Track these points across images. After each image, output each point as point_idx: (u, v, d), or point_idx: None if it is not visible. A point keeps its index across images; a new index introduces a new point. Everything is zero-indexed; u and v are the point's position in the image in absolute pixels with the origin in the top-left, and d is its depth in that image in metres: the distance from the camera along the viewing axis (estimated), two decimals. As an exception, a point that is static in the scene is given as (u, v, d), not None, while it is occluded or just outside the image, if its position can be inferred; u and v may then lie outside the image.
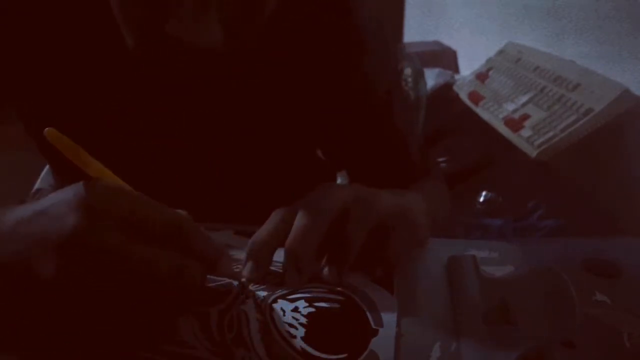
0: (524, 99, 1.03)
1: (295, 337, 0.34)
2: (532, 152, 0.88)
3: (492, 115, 1.07)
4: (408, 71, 1.27)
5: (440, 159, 1.11)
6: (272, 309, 0.36)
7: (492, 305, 0.38)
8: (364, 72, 0.55)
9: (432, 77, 1.36)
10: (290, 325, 0.35)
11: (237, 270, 0.38)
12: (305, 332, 0.35)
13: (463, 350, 0.34)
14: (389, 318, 0.36)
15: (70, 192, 0.30)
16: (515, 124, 0.97)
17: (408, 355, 0.33)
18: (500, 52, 1.27)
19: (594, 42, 1.03)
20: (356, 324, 0.36)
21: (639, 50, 0.90)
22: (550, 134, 0.87)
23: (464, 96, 1.23)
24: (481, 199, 0.96)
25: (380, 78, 0.57)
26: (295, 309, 0.36)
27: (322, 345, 0.34)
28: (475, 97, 1.17)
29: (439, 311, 0.38)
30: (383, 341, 0.34)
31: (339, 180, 0.86)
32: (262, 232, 0.38)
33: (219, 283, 0.38)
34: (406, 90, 1.24)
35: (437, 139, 1.19)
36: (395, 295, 0.39)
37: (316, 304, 0.37)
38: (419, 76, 1.28)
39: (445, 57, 1.60)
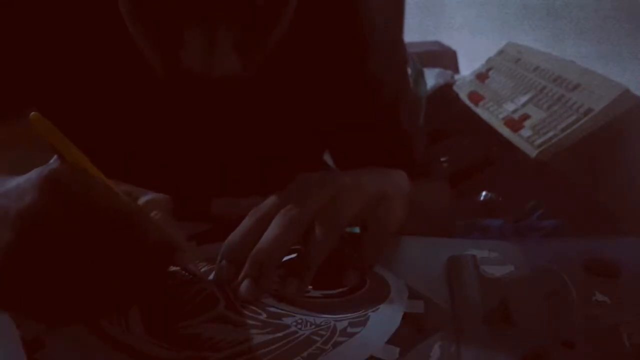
0: (524, 99, 1.03)
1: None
2: (532, 152, 0.88)
3: (492, 115, 1.06)
4: (408, 71, 1.27)
5: (441, 159, 1.11)
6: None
7: (492, 305, 0.38)
8: (371, 77, 0.55)
9: (432, 77, 1.36)
10: None
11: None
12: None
13: (463, 350, 0.34)
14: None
15: (35, 172, 0.33)
16: (515, 124, 0.97)
17: (408, 356, 0.33)
18: (500, 52, 1.27)
19: (594, 42, 1.03)
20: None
21: (639, 50, 0.89)
22: (550, 134, 0.87)
23: (464, 96, 1.23)
24: (481, 199, 0.96)
25: (388, 81, 0.57)
26: None
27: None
28: (475, 97, 1.17)
29: (439, 311, 0.38)
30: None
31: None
32: (237, 233, 0.39)
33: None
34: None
35: (437, 139, 1.19)
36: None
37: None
38: (419, 76, 1.28)
39: (445, 57, 1.60)
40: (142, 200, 0.37)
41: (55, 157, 0.86)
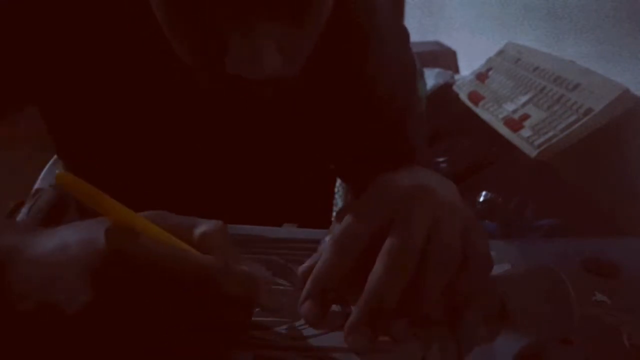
0: (524, 99, 1.03)
1: None
2: (532, 152, 0.88)
3: (492, 115, 1.06)
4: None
5: (440, 159, 1.11)
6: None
7: (490, 304, 0.38)
8: (377, 87, 0.55)
9: (432, 77, 1.36)
10: None
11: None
12: None
13: (462, 349, 0.34)
14: None
15: (85, 257, 0.29)
16: (515, 124, 0.97)
17: (407, 356, 0.33)
18: (500, 52, 1.26)
19: (594, 42, 1.02)
20: None
21: (639, 50, 0.89)
22: (550, 134, 0.87)
23: (463, 96, 1.23)
24: (481, 199, 0.96)
25: (395, 94, 0.57)
26: None
27: None
28: (475, 97, 1.17)
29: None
30: None
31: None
32: (321, 265, 0.35)
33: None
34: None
35: (437, 139, 1.19)
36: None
37: None
38: (419, 76, 1.28)
39: (445, 57, 1.60)
40: (196, 232, 0.34)
41: (47, 167, 0.86)
